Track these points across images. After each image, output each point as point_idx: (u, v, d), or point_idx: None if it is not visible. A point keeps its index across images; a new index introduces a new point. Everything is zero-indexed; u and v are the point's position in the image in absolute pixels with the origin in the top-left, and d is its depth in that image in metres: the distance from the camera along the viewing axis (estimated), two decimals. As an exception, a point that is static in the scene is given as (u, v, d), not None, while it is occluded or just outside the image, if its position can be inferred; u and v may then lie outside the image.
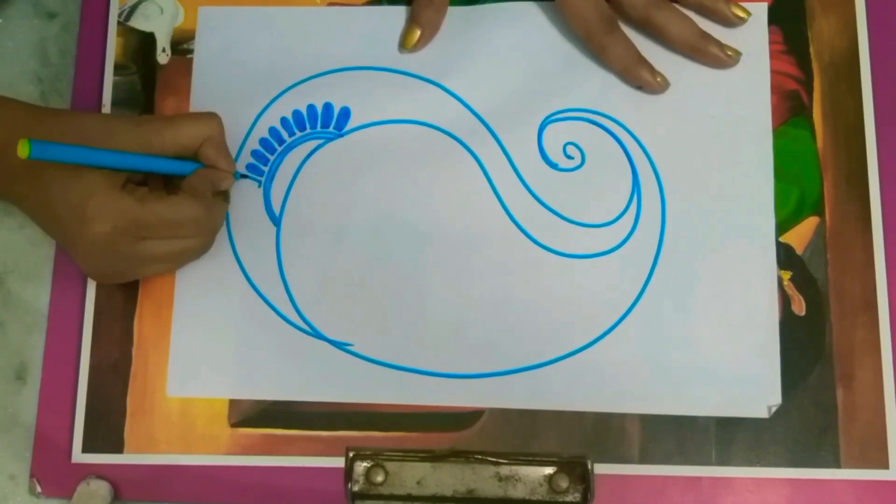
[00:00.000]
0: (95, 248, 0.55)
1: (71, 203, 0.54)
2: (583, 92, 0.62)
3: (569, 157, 0.61)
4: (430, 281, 0.60)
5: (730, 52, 0.60)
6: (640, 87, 0.61)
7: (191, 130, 0.57)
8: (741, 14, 0.61)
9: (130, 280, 0.59)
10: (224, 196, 0.60)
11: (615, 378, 0.58)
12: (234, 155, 0.62)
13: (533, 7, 0.63)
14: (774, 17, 0.62)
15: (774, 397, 0.57)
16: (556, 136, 0.61)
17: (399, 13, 0.63)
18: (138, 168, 0.56)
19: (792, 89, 0.61)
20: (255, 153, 0.62)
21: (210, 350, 0.59)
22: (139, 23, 0.65)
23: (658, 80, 0.60)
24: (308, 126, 0.62)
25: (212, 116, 0.58)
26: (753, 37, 0.62)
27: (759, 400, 0.57)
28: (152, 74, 0.64)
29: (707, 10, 0.61)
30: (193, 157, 0.58)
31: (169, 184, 0.59)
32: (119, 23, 0.65)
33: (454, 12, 0.63)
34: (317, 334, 0.60)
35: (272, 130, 0.62)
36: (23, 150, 0.50)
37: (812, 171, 0.60)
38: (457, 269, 0.60)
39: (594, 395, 0.58)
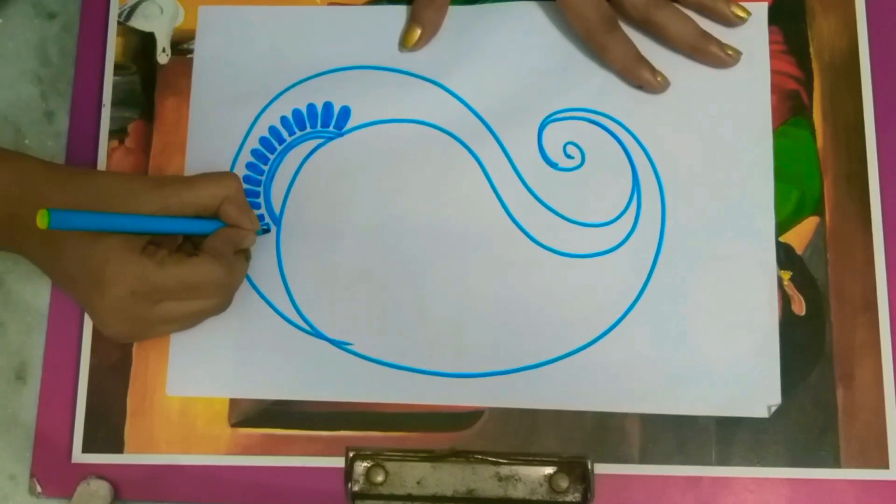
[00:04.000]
0: (113, 311, 0.55)
1: (88, 267, 0.54)
2: (583, 92, 0.62)
3: (569, 156, 0.61)
4: (429, 280, 0.60)
5: (730, 52, 0.60)
6: (640, 87, 0.61)
7: (210, 191, 0.56)
8: (741, 14, 0.61)
9: (148, 339, 0.59)
10: (245, 254, 0.60)
11: (615, 378, 0.58)
12: (234, 154, 0.62)
13: (533, 7, 0.63)
14: (774, 17, 0.62)
15: (774, 397, 0.57)
16: (556, 136, 0.61)
17: (399, 13, 0.63)
18: (158, 231, 0.55)
19: (792, 89, 0.61)
20: (254, 152, 0.62)
21: (210, 349, 0.59)
22: (139, 23, 0.65)
23: (658, 79, 0.60)
24: (308, 125, 0.62)
25: (230, 176, 0.57)
26: (753, 37, 0.62)
27: (759, 400, 0.57)
28: (152, 74, 0.64)
29: (707, 9, 0.61)
30: (213, 215, 0.57)
31: (187, 242, 0.58)
32: (119, 23, 0.65)
33: (454, 12, 0.63)
34: (316, 333, 0.60)
35: (272, 129, 0.62)
36: (42, 220, 0.48)
37: (812, 171, 0.60)
38: (456, 269, 0.60)
39: (594, 395, 0.58)
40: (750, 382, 0.57)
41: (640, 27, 0.61)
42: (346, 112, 0.62)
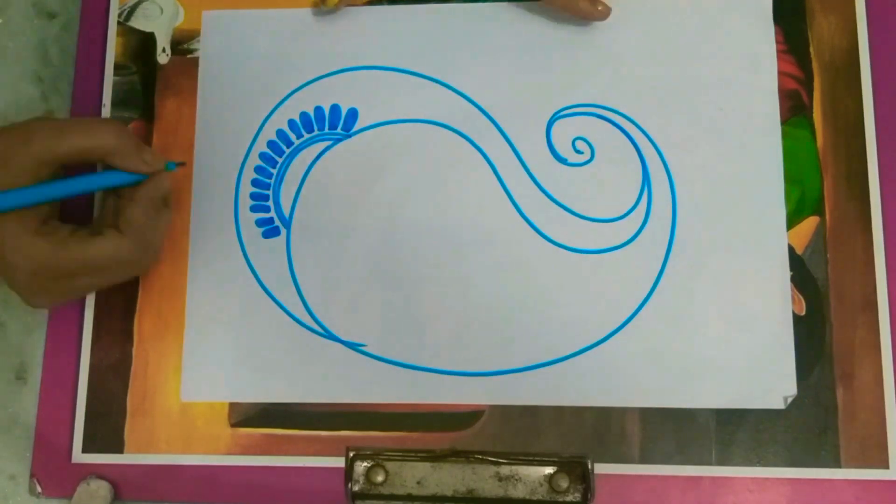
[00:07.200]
0: (26, 288, 0.54)
1: None
2: (590, 87, 0.62)
3: (578, 151, 0.61)
4: (441, 279, 0.60)
5: (601, 7, 0.61)
6: (584, 19, 0.61)
7: (83, 143, 0.53)
8: (603, 8, 0.61)
9: (74, 299, 0.58)
10: (165, 203, 0.57)
11: (630, 372, 0.58)
12: (241, 159, 0.62)
13: (537, 6, 0.63)
14: (774, 17, 0.62)
15: (790, 388, 0.57)
16: (564, 132, 0.61)
17: (400, 13, 0.63)
18: (48, 199, 0.53)
19: (792, 89, 0.61)
20: (263, 156, 0.62)
21: (223, 354, 0.59)
22: (139, 23, 0.65)
23: (599, 8, 0.61)
24: (316, 128, 0.62)
25: (105, 126, 0.54)
26: (759, 29, 0.62)
27: (775, 391, 0.57)
28: (152, 74, 0.64)
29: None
30: (101, 162, 0.55)
31: (110, 198, 0.57)
32: (119, 23, 0.65)
33: (459, 10, 0.63)
34: (329, 335, 0.60)
35: (280, 133, 0.62)
36: None
37: (812, 171, 0.60)
38: (468, 267, 0.60)
39: (608, 391, 0.58)
40: (765, 374, 0.57)
41: None
42: (353, 114, 0.62)
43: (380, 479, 0.52)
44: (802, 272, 0.59)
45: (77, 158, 0.54)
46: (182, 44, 0.64)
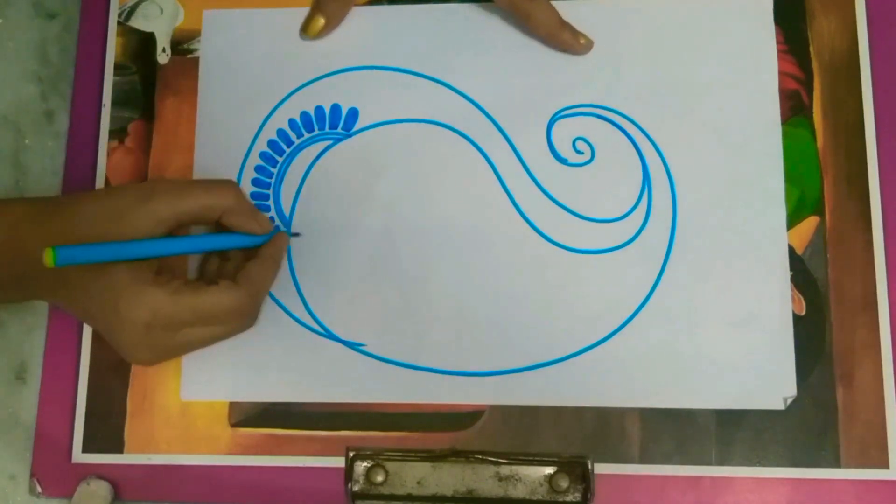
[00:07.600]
0: (133, 343, 0.54)
1: (101, 302, 0.53)
2: (591, 88, 0.62)
3: (578, 151, 0.61)
4: (441, 279, 0.60)
5: (583, 41, 0.61)
6: (565, 51, 0.62)
7: (203, 201, 0.55)
8: (585, 42, 0.61)
9: (176, 358, 0.59)
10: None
11: (630, 373, 0.58)
12: (242, 158, 0.62)
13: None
14: (775, 17, 0.62)
15: (790, 389, 0.57)
16: (565, 132, 0.61)
17: (400, 13, 0.63)
18: (169, 253, 0.54)
19: (792, 89, 0.61)
20: (263, 155, 0.62)
21: (223, 353, 0.59)
22: (139, 23, 0.65)
23: (581, 41, 0.61)
24: (316, 127, 0.62)
25: (225, 186, 0.56)
26: (760, 29, 0.62)
27: (775, 392, 0.57)
28: (152, 74, 0.64)
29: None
30: (215, 224, 0.57)
31: (213, 259, 0.58)
32: (119, 23, 0.65)
33: (459, 10, 0.63)
34: (329, 335, 0.60)
35: (280, 132, 0.62)
36: (48, 259, 0.48)
37: (812, 171, 0.60)
38: (468, 267, 0.60)
39: (608, 391, 0.58)
40: (765, 375, 0.57)
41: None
42: (353, 113, 0.62)
43: (380, 479, 0.52)
44: (802, 272, 0.59)
45: (196, 217, 0.55)
46: (182, 44, 0.64)
